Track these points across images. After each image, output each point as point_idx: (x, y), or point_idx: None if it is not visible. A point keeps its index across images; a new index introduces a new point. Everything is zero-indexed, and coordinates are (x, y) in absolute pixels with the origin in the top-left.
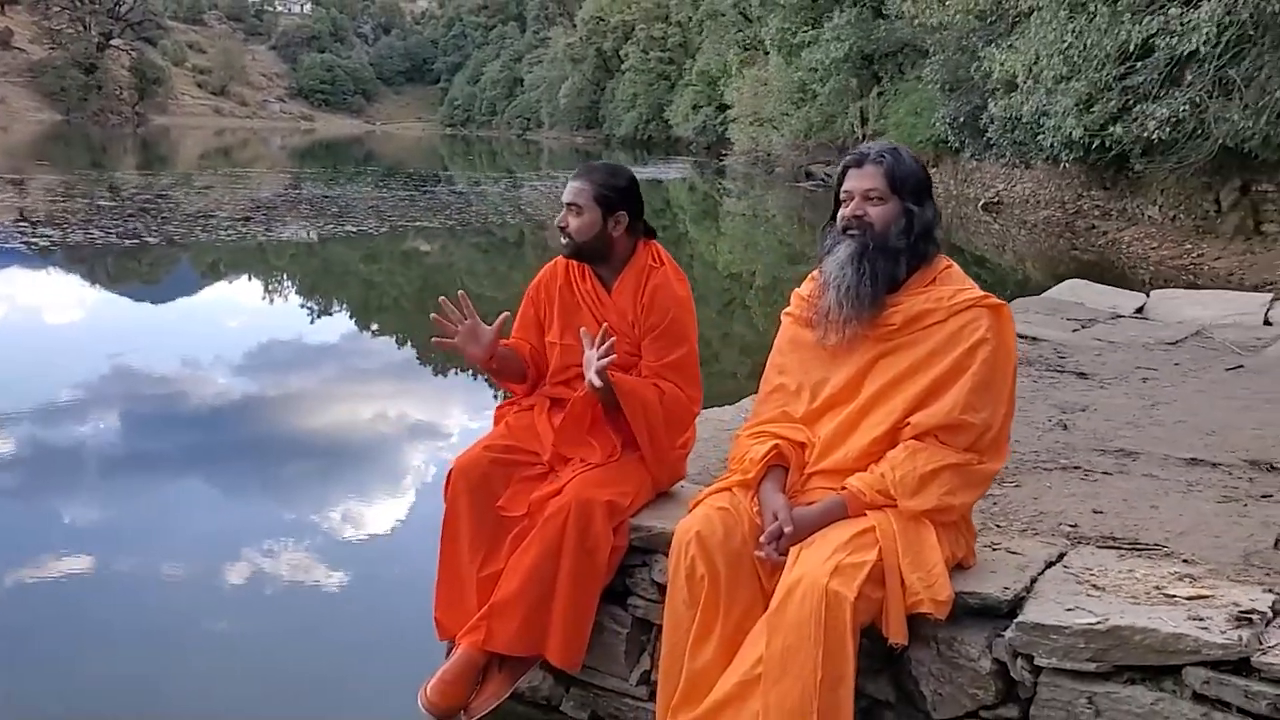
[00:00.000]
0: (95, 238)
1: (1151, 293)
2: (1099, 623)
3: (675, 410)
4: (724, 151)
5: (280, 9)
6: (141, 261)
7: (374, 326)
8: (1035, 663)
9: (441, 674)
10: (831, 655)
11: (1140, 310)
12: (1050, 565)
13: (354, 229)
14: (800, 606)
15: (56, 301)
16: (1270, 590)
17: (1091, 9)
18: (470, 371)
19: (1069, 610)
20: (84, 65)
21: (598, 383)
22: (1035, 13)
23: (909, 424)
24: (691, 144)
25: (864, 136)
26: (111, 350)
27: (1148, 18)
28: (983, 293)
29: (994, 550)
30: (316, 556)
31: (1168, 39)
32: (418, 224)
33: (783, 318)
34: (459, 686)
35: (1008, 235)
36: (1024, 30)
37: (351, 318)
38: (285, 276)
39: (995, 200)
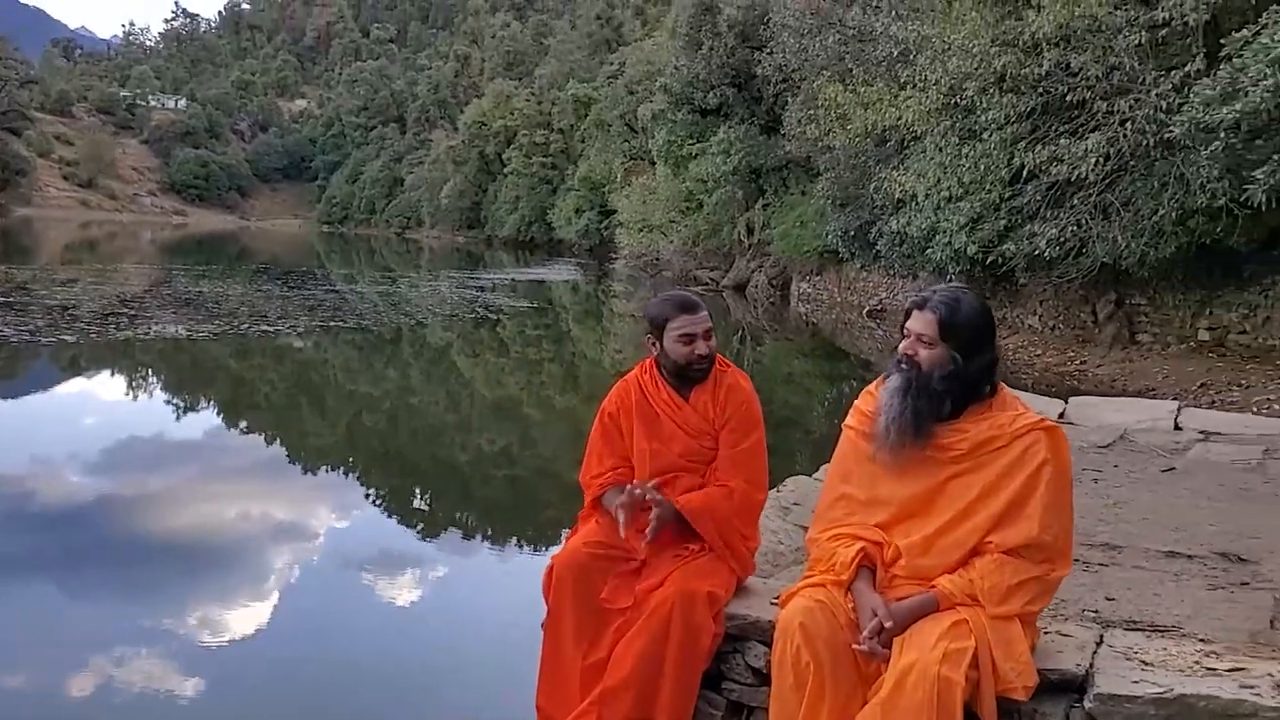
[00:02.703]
0: None
1: (1070, 399)
2: (1166, 692)
3: (745, 507)
4: (611, 254)
5: (153, 104)
6: None
7: (243, 424)
8: None
9: None
10: None
11: (1062, 415)
12: (1099, 645)
13: (225, 325)
14: (914, 690)
15: None
16: None
17: (985, 137)
18: (340, 470)
19: (1135, 682)
20: None
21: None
22: (929, 137)
23: (991, 543)
24: (575, 246)
25: (750, 245)
26: None
27: (1039, 146)
28: (1038, 416)
29: (1045, 634)
30: (174, 664)
31: (1056, 165)
32: (292, 320)
33: (844, 429)
34: None
35: (890, 341)
36: (917, 152)
37: (220, 415)
38: (152, 373)
39: (879, 308)
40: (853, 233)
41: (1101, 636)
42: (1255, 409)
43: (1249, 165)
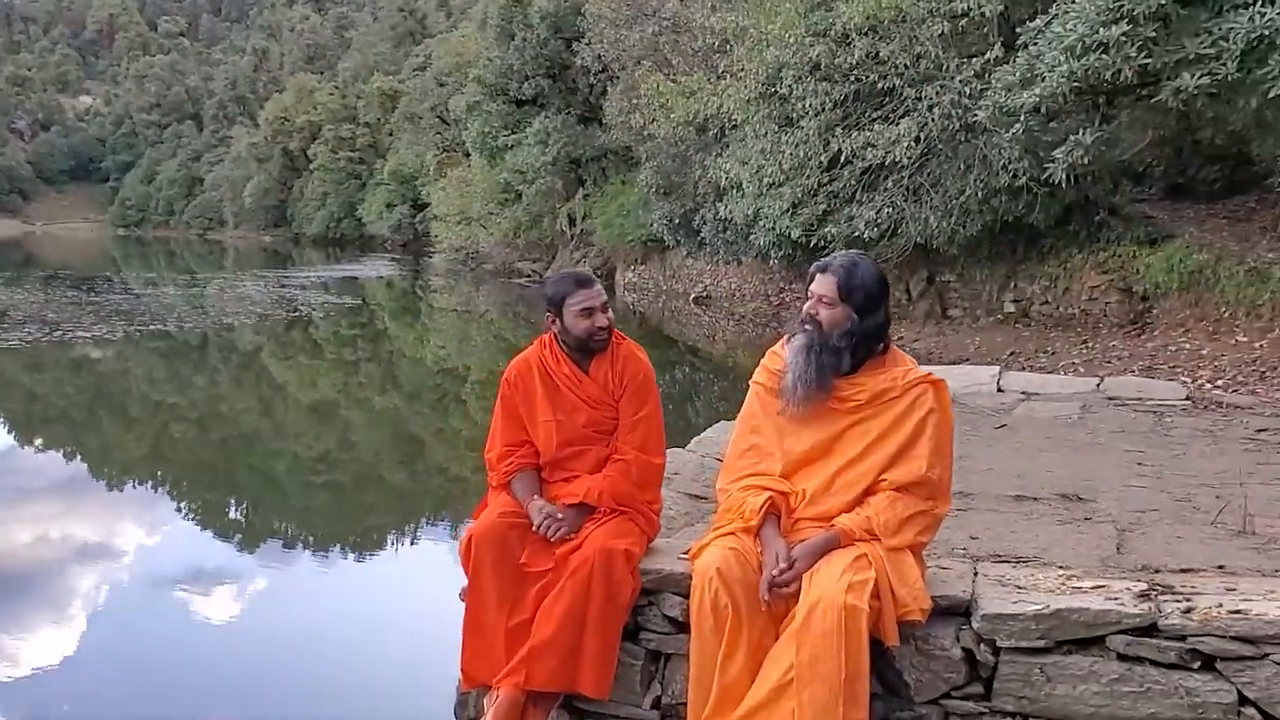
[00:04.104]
0: None
1: None
2: (1044, 608)
3: (645, 475)
4: (428, 249)
5: None
6: None
7: (39, 441)
8: (997, 645)
9: (494, 713)
10: (852, 657)
11: None
12: (975, 576)
13: (15, 337)
14: (823, 620)
15: None
16: (1140, 580)
17: (803, 124)
18: (151, 485)
19: (1015, 603)
20: None
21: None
22: (749, 124)
23: (885, 480)
24: (387, 241)
25: (573, 236)
26: None
27: (854, 132)
28: (926, 371)
29: (926, 568)
30: None
31: (871, 150)
32: (89, 330)
33: (751, 385)
34: None
35: (717, 326)
36: (737, 140)
37: (13, 433)
38: None
39: (705, 294)
40: (677, 220)
41: (976, 569)
42: (1063, 372)
43: (1046, 147)
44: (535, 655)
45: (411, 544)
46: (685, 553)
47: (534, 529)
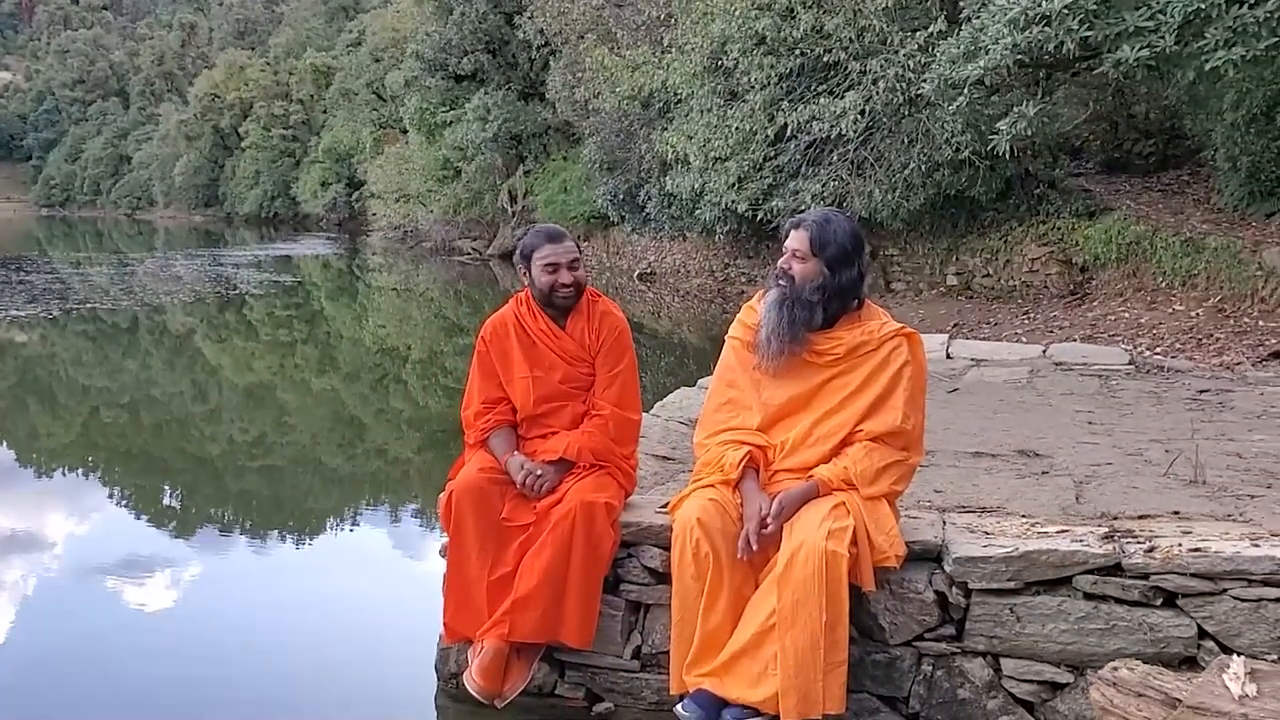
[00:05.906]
0: None
1: None
2: (1013, 551)
3: (622, 430)
4: (365, 228)
5: None
6: None
7: None
8: (968, 588)
9: (479, 664)
10: (832, 601)
11: None
12: (944, 524)
13: None
14: (804, 566)
15: None
16: (1101, 525)
17: (749, 97)
18: (80, 472)
19: (985, 547)
20: None
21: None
22: (694, 98)
23: (862, 430)
24: (322, 220)
25: (514, 213)
26: None
27: (800, 106)
28: (899, 324)
29: (900, 517)
30: None
31: (818, 124)
32: (12, 312)
33: (728, 340)
34: (495, 673)
35: (662, 303)
36: (684, 114)
37: None
38: None
39: (649, 271)
40: (622, 196)
41: (944, 518)
42: (1006, 342)
43: (988, 120)
44: (519, 607)
45: (354, 527)
46: (663, 506)
47: (517, 485)
